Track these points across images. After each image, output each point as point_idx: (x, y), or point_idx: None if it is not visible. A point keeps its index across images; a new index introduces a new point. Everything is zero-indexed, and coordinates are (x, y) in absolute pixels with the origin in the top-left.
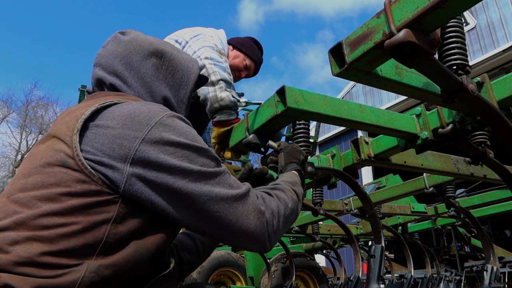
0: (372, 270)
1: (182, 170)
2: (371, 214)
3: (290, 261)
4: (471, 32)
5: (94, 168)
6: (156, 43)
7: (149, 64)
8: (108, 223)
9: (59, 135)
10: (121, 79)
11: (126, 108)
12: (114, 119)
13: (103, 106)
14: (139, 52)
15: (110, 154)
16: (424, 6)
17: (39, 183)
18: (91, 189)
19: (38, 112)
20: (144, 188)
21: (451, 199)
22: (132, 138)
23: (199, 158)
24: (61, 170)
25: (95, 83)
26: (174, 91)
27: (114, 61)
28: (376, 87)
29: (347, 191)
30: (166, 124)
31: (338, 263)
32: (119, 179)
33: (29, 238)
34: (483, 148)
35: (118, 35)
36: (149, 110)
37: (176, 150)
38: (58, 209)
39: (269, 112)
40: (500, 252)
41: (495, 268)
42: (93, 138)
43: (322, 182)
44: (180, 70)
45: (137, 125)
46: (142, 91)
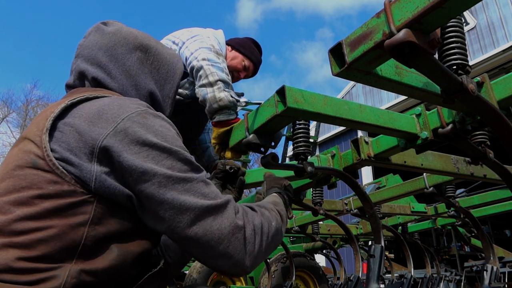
0: (372, 270)
1: (144, 172)
2: (371, 214)
3: (290, 261)
4: (471, 32)
5: (65, 168)
6: (140, 36)
7: (134, 58)
8: (85, 225)
9: (30, 136)
10: (105, 71)
11: (96, 104)
12: (82, 117)
13: (73, 102)
14: (124, 45)
15: (77, 153)
16: (424, 6)
17: (11, 187)
18: (64, 190)
19: (38, 112)
20: (115, 184)
21: (451, 199)
22: (96, 135)
23: (167, 161)
24: (32, 172)
25: (77, 76)
26: (160, 86)
27: (98, 52)
28: (376, 87)
29: (347, 191)
30: (135, 120)
31: (338, 263)
32: (88, 178)
33: (4, 245)
34: (483, 148)
35: (101, 26)
36: (120, 105)
37: (141, 149)
38: (31, 213)
39: (269, 112)
40: (500, 252)
41: (495, 268)
42: (60, 137)
43: (322, 182)
44: (165, 64)
45: (104, 122)
46: (127, 84)
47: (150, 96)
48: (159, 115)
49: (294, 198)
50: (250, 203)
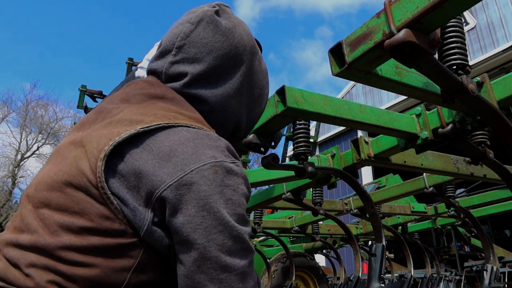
0: (373, 269)
1: (188, 241)
2: (372, 213)
3: (290, 261)
4: (471, 32)
5: (119, 205)
6: (249, 46)
7: (238, 74)
8: (129, 270)
9: (88, 149)
10: (205, 82)
11: (170, 139)
12: (151, 153)
13: (145, 131)
14: (234, 56)
15: (134, 194)
16: (424, 6)
17: (63, 205)
18: (114, 228)
19: (38, 112)
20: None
21: (451, 199)
22: (158, 182)
23: (219, 235)
24: (85, 199)
25: (171, 73)
26: (248, 110)
27: (208, 56)
28: (376, 87)
29: (347, 191)
30: (204, 175)
31: (338, 263)
32: (140, 224)
33: (48, 267)
34: (483, 148)
35: (215, 18)
36: (195, 149)
37: (197, 213)
38: (78, 245)
39: (269, 112)
40: (500, 252)
41: (495, 268)
42: (122, 168)
43: (322, 182)
44: (258, 87)
45: (172, 167)
46: (219, 105)
47: (236, 123)
48: (233, 168)
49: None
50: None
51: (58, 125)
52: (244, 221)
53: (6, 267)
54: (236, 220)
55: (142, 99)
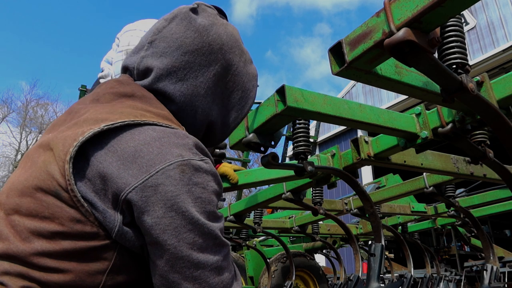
0: (372, 269)
1: (159, 243)
2: (371, 212)
3: (290, 260)
4: (471, 32)
5: (90, 207)
6: (227, 44)
7: (211, 74)
8: (103, 273)
9: (55, 152)
10: (173, 78)
11: (135, 139)
12: (116, 153)
13: (110, 128)
14: (206, 54)
15: (102, 197)
16: (424, 5)
17: (33, 211)
18: (86, 231)
19: (38, 112)
20: (134, 237)
21: (451, 199)
22: (123, 184)
23: (189, 234)
24: (55, 203)
25: (140, 68)
26: (224, 112)
27: (175, 52)
28: (376, 86)
29: (347, 191)
30: (170, 175)
31: (338, 262)
32: (110, 226)
33: (21, 274)
34: (483, 147)
35: (190, 14)
36: (160, 148)
37: (165, 214)
38: (50, 250)
39: (269, 111)
40: (500, 252)
41: (495, 267)
42: (88, 172)
43: (322, 181)
44: (240, 89)
45: (136, 168)
46: (188, 102)
47: (208, 125)
48: (201, 166)
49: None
50: None
51: None
52: (215, 217)
53: None
54: (206, 217)
55: (111, 98)
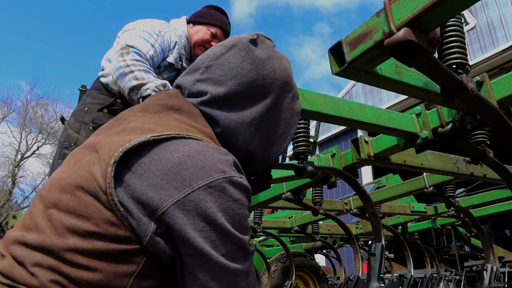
0: (372, 269)
1: (201, 253)
2: (371, 212)
3: (290, 260)
4: (471, 32)
5: (126, 212)
6: (279, 80)
7: (259, 106)
8: (131, 276)
9: (100, 154)
10: (223, 106)
11: (180, 151)
12: (159, 163)
13: (156, 139)
14: (259, 86)
15: (139, 205)
16: (424, 5)
17: (71, 208)
18: (119, 235)
19: (38, 112)
20: (165, 247)
21: (451, 199)
22: (164, 196)
23: (225, 247)
24: (93, 203)
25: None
26: (266, 145)
27: (230, 82)
28: (376, 86)
29: (347, 191)
30: (211, 192)
31: (338, 262)
32: (143, 233)
33: (52, 267)
34: (483, 147)
35: (250, 45)
36: (203, 165)
37: (205, 228)
38: (83, 248)
39: None
40: (500, 252)
41: (495, 267)
42: (129, 177)
43: (322, 181)
44: (283, 124)
45: (179, 181)
46: (231, 130)
47: (246, 155)
48: (241, 183)
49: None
50: None
51: (58, 125)
52: (246, 231)
53: (12, 266)
54: (240, 231)
55: (159, 109)
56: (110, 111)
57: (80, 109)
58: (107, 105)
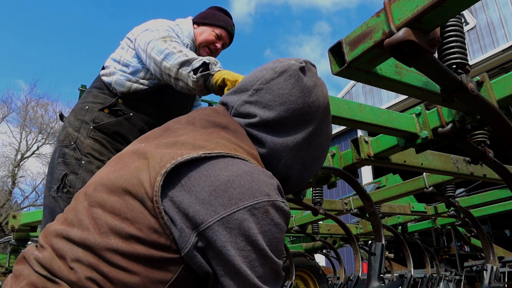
0: (373, 268)
1: (238, 272)
2: (371, 212)
3: (290, 260)
4: (471, 32)
5: (169, 222)
6: (322, 107)
7: (303, 131)
8: (166, 284)
9: (150, 163)
10: (270, 129)
11: (227, 170)
12: (208, 179)
13: (206, 156)
14: (304, 113)
15: (184, 217)
16: (424, 5)
17: (117, 210)
18: (160, 242)
19: (38, 112)
20: (202, 261)
21: (451, 199)
22: (211, 212)
23: (261, 268)
24: (140, 209)
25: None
26: (302, 167)
27: (280, 107)
28: (376, 86)
29: (347, 191)
30: (254, 214)
31: (338, 262)
32: (183, 244)
33: (92, 265)
34: (482, 147)
35: (299, 73)
36: (250, 186)
37: (245, 247)
38: (123, 250)
39: None
40: (500, 252)
41: (495, 267)
42: (178, 190)
43: (322, 181)
44: (318, 149)
45: (226, 199)
46: (275, 154)
47: (286, 176)
48: (282, 208)
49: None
50: None
51: (58, 125)
52: (280, 255)
53: (52, 258)
54: (276, 255)
55: (206, 125)
56: (111, 111)
57: (81, 107)
58: (109, 105)
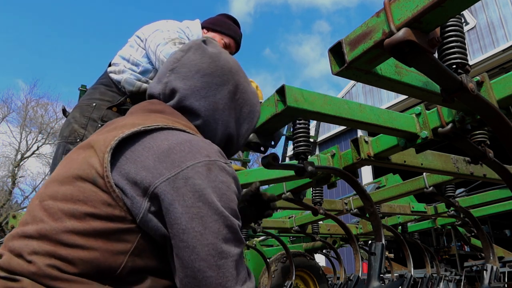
0: (373, 268)
1: (186, 230)
2: (371, 212)
3: (290, 260)
4: (471, 32)
5: (121, 193)
6: (234, 68)
7: (225, 91)
8: (126, 254)
9: (96, 148)
10: (196, 96)
11: (169, 139)
12: (151, 149)
13: (146, 130)
14: (220, 75)
15: (133, 185)
16: (424, 5)
17: (69, 195)
18: (115, 214)
19: (38, 112)
20: (158, 224)
21: (451, 199)
22: (156, 175)
23: (215, 224)
24: (91, 188)
25: (165, 91)
26: (238, 125)
27: (196, 75)
28: (376, 86)
29: (347, 191)
30: (199, 171)
31: (338, 262)
32: (136, 212)
33: (49, 253)
34: (482, 147)
35: (202, 45)
36: (191, 149)
37: (194, 204)
38: (80, 229)
39: (269, 111)
40: (500, 252)
41: (495, 267)
42: (124, 163)
43: (322, 181)
44: (248, 104)
45: (170, 163)
46: (211, 116)
47: (227, 136)
48: (225, 168)
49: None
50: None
51: (58, 125)
52: (236, 216)
53: (9, 258)
54: (230, 212)
55: (143, 113)
56: (120, 110)
57: (87, 103)
58: (117, 103)
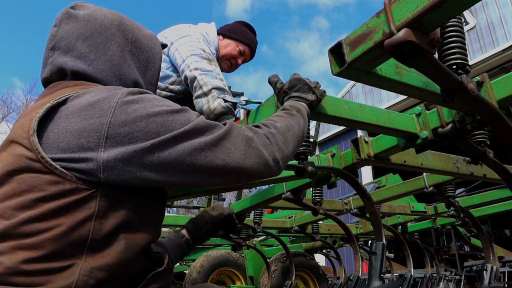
0: (373, 267)
1: (161, 141)
2: (372, 211)
3: (290, 260)
4: (471, 32)
5: (65, 167)
6: (116, 20)
7: (115, 45)
8: (91, 220)
9: (17, 139)
10: (86, 62)
11: (84, 98)
12: (75, 113)
13: (59, 102)
14: (102, 33)
15: (80, 148)
16: (424, 6)
17: (10, 192)
18: (66, 189)
19: None
20: (126, 168)
21: (451, 199)
22: (98, 126)
23: (173, 120)
24: (30, 175)
25: (55, 71)
26: (141, 73)
27: (77, 43)
28: (376, 86)
29: (347, 191)
30: (128, 100)
31: (338, 262)
32: (95, 169)
33: (13, 248)
34: (483, 147)
35: (71, 11)
36: (108, 93)
37: (147, 122)
38: (37, 215)
39: (269, 111)
40: (499, 252)
41: (494, 267)
42: (56, 138)
43: (321, 181)
44: (144, 51)
45: (99, 111)
46: (111, 75)
47: (134, 85)
48: (142, 90)
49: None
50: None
51: None
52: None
53: None
54: (172, 105)
55: (47, 95)
56: None
57: None
58: None
